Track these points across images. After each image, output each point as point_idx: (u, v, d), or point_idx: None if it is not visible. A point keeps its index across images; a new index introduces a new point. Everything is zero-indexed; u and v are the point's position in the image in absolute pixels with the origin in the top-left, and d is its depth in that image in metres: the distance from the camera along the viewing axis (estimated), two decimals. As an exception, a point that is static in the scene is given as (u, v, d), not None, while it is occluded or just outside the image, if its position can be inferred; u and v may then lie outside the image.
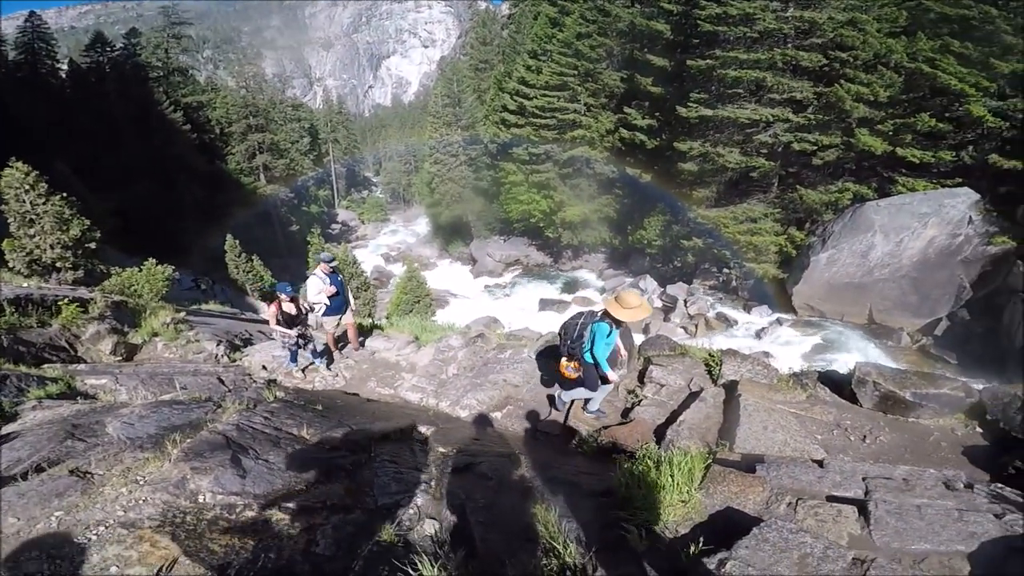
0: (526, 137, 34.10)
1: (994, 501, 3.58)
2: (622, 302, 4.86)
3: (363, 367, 7.63)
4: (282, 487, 3.37)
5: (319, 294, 7.43)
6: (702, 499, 3.29)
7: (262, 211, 42.90)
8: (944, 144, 21.24)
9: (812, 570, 2.61)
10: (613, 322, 4.92)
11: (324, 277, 7.49)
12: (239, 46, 69.63)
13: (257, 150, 44.58)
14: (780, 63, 23.28)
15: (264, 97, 51.78)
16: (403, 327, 9.87)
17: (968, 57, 20.40)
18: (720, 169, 25.86)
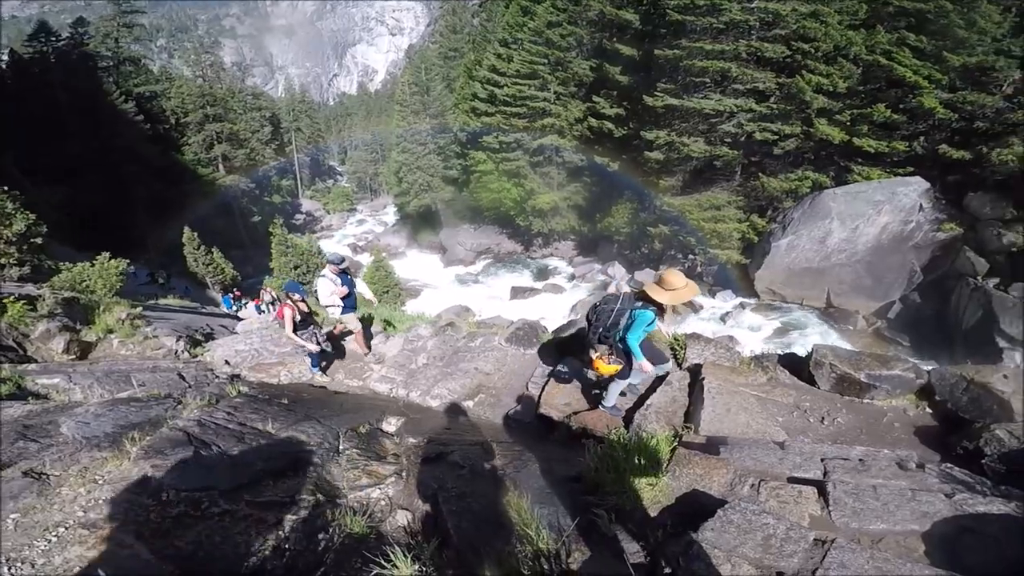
0: (496, 126, 33.91)
1: (945, 481, 3.72)
2: (664, 283, 4.35)
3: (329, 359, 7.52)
4: (248, 481, 3.33)
5: (331, 296, 7.18)
6: (669, 482, 3.34)
7: (222, 202, 41.53)
8: (898, 134, 22.07)
9: (775, 551, 2.68)
10: (656, 307, 4.41)
11: (334, 278, 7.22)
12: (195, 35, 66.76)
13: (215, 140, 43.01)
14: (745, 54, 23.74)
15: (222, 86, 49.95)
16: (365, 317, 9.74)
17: (922, 50, 21.18)
18: (685, 158, 26.35)
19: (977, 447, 4.36)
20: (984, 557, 2.99)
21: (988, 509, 3.36)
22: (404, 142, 42.43)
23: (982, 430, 4.47)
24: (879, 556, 2.71)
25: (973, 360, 15.39)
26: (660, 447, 3.52)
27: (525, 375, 6.48)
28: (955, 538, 3.15)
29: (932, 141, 21.42)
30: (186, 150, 41.52)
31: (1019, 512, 3.34)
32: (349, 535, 2.99)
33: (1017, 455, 4.13)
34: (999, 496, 3.54)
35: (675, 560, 2.62)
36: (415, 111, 42.65)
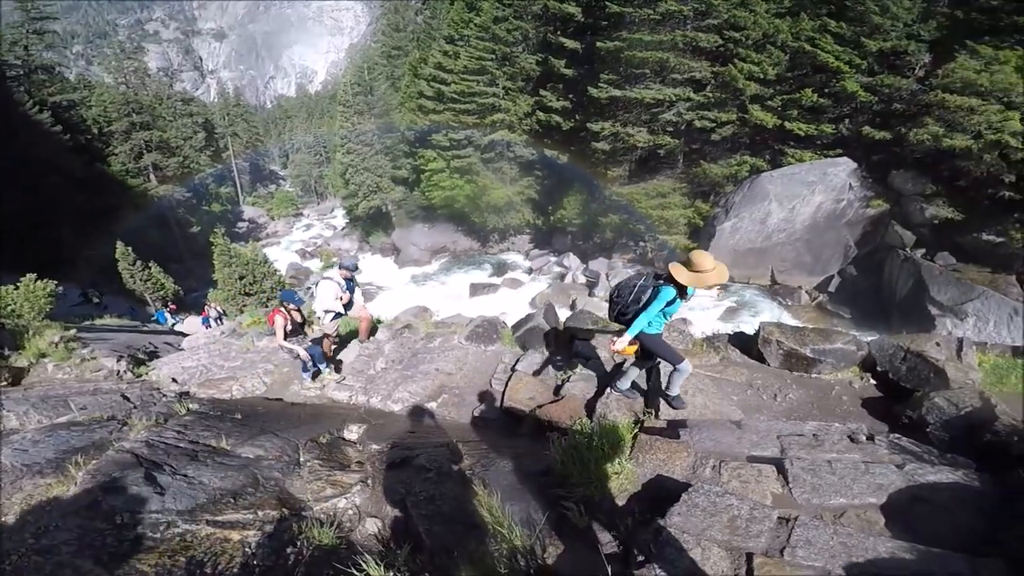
0: (445, 123, 33.60)
1: (894, 452, 3.84)
2: (690, 263, 4.01)
3: (284, 370, 7.29)
4: (207, 500, 3.24)
5: (336, 300, 6.89)
6: (633, 469, 3.39)
7: (156, 214, 39.33)
8: (825, 117, 23.29)
9: (742, 532, 2.73)
10: (677, 289, 4.13)
11: (341, 282, 6.96)
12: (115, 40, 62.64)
13: (144, 149, 40.60)
14: (681, 44, 24.47)
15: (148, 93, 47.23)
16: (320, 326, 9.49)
17: (843, 36, 22.37)
18: (630, 148, 27.01)
19: (920, 416, 4.44)
20: (938, 526, 3.09)
21: (937, 478, 3.46)
22: (349, 143, 41.39)
23: (923, 399, 4.56)
24: (842, 531, 2.79)
25: (908, 329, 16.46)
26: (622, 435, 3.56)
27: (488, 372, 6.48)
28: (909, 509, 3.24)
29: (856, 123, 22.73)
30: (113, 160, 38.99)
31: (966, 480, 3.45)
32: (319, 547, 2.94)
33: (957, 423, 4.23)
34: (946, 464, 3.64)
35: (646, 547, 2.65)
36: (359, 111, 41.63)
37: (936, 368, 4.89)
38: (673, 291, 4.11)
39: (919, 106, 20.64)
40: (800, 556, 2.62)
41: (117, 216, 33.72)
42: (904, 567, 2.56)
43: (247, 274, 22.30)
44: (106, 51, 60.17)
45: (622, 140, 26.72)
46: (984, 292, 17.35)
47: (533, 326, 6.77)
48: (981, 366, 5.37)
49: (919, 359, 5.04)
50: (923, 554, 2.64)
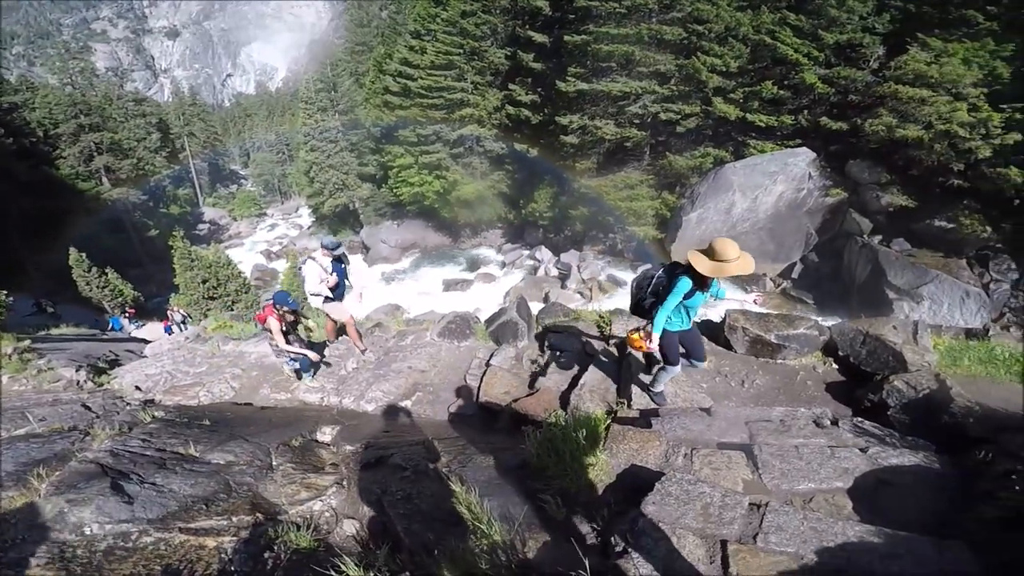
0: (413, 118, 33.22)
1: (858, 435, 3.89)
2: (711, 251, 3.74)
3: (252, 374, 7.12)
4: (179, 508, 3.19)
5: (320, 284, 6.50)
6: (608, 459, 3.42)
7: (111, 218, 37.83)
8: (785, 109, 23.89)
9: (716, 519, 2.77)
10: (697, 279, 3.84)
11: (326, 264, 6.57)
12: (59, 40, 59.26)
13: (95, 151, 38.87)
14: (646, 37, 24.70)
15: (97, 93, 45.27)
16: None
17: (801, 29, 22.93)
18: (598, 140, 27.26)
19: (881, 399, 4.49)
20: (902, 509, 3.16)
21: (900, 461, 3.53)
22: (313, 140, 40.54)
23: (883, 382, 4.61)
24: (812, 516, 2.84)
25: (868, 312, 17.09)
26: (596, 426, 3.58)
27: (462, 368, 6.46)
28: (875, 492, 3.30)
29: (814, 114, 23.38)
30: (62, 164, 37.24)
31: (926, 462, 3.52)
32: (296, 551, 2.92)
33: (916, 405, 4.31)
34: (907, 447, 3.72)
35: (624, 537, 2.67)
36: (322, 108, 40.79)
37: (894, 351, 4.96)
38: (690, 282, 3.85)
39: (874, 97, 21.30)
40: (773, 542, 2.66)
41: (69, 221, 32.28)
42: (873, 551, 2.62)
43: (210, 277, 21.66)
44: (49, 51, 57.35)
45: (590, 133, 26.98)
46: (937, 276, 18.16)
47: (506, 320, 6.77)
48: (936, 348, 5.47)
49: (878, 343, 5.10)
50: (890, 537, 2.70)
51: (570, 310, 6.99)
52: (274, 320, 5.95)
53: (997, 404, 4.21)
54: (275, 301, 6.11)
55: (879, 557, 2.57)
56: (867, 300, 18.95)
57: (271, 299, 6.08)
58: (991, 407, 4.13)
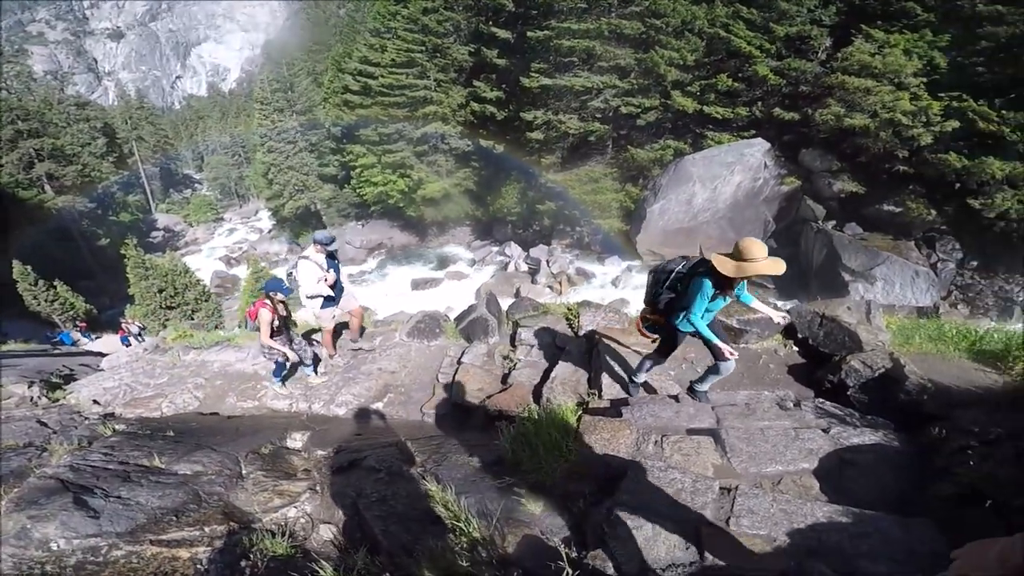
0: (374, 117, 32.74)
1: (820, 416, 3.96)
2: (738, 251, 3.50)
3: (217, 383, 6.92)
4: (148, 520, 3.13)
5: (319, 283, 5.98)
6: (580, 450, 3.43)
7: (57, 227, 35.91)
8: (740, 101, 24.56)
9: (688, 504, 2.81)
10: (719, 281, 3.61)
11: (321, 261, 6.04)
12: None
13: (35, 158, 36.88)
14: (606, 32, 25.04)
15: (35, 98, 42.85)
16: (253, 333, 9.09)
17: (754, 22, 23.59)
18: (563, 135, 27.51)
19: (841, 380, 4.53)
20: (866, 487, 3.21)
21: (861, 440, 3.58)
22: (270, 142, 39.49)
23: (841, 363, 4.65)
24: (781, 499, 2.88)
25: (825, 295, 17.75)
26: (567, 418, 3.60)
27: (433, 367, 6.42)
28: (839, 472, 3.34)
29: (767, 105, 24.13)
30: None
31: (886, 440, 3.59)
32: (273, 558, 2.89)
33: (873, 384, 4.36)
34: (867, 426, 3.78)
35: (601, 527, 2.68)
36: (279, 108, 39.77)
37: (849, 332, 5.04)
38: (710, 285, 3.61)
39: (822, 88, 22.10)
40: (744, 525, 2.70)
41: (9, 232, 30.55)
42: (843, 531, 2.66)
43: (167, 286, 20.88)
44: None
45: (554, 128, 27.21)
46: (888, 257, 19.04)
47: (476, 317, 6.76)
48: (889, 327, 5.55)
49: (834, 324, 5.18)
50: (857, 517, 2.75)
51: (539, 304, 7.02)
52: (266, 311, 5.50)
53: (949, 380, 4.31)
54: (267, 289, 5.65)
55: (848, 537, 2.62)
56: (824, 283, 19.70)
57: (262, 288, 5.66)
58: (944, 384, 4.22)
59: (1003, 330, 5.31)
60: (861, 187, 21.26)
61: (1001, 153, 17.84)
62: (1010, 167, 17.33)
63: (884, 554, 2.53)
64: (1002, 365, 4.58)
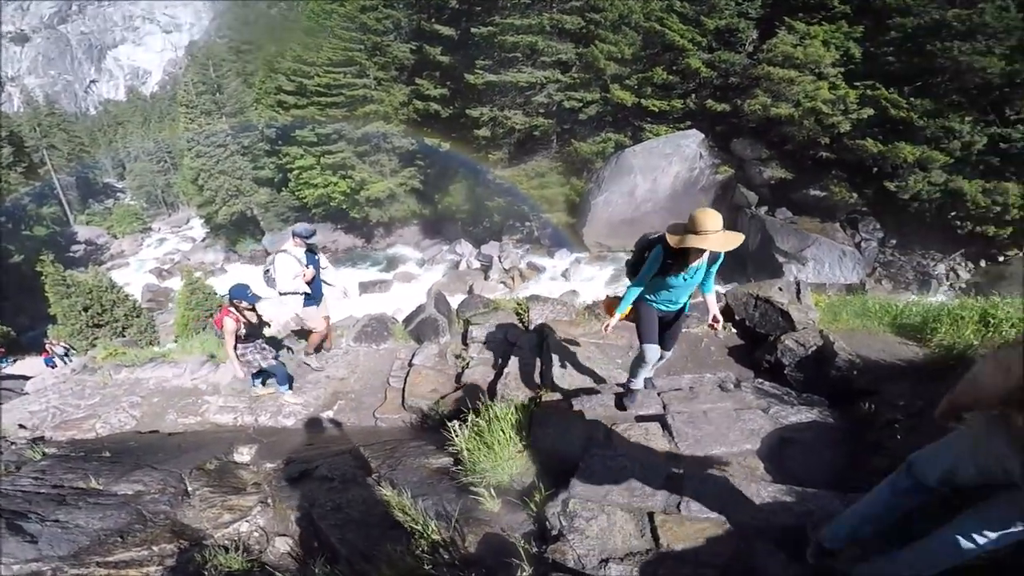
0: (311, 118, 31.81)
1: (759, 396, 4.02)
2: (691, 221, 3.09)
3: (154, 401, 6.57)
4: (91, 543, 3.01)
5: (295, 279, 5.62)
6: (534, 445, 3.45)
7: (-39, 245, 32.92)
8: (675, 93, 25.27)
9: (640, 492, 2.87)
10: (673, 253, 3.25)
11: (300, 256, 5.68)
12: None
13: (-71, 171, 33.58)
14: (549, 27, 25.29)
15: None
16: (192, 347, 8.69)
17: (686, 15, 24.28)
18: (509, 131, 27.67)
19: (777, 359, 4.61)
20: (807, 465, 3.27)
21: (799, 418, 3.67)
22: (198, 146, 37.59)
23: (776, 342, 4.74)
24: (727, 480, 2.93)
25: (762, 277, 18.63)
26: (521, 413, 3.61)
27: (383, 371, 6.31)
28: (780, 451, 3.40)
29: (700, 97, 24.97)
30: None
31: (821, 418, 3.68)
32: (229, 573, 2.83)
33: (807, 362, 4.45)
34: (804, 404, 3.86)
35: (558, 520, 2.70)
36: (206, 111, 37.91)
37: (782, 312, 5.18)
38: (661, 253, 3.30)
39: (750, 79, 22.98)
40: (694, 510, 2.75)
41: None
42: (788, 510, 2.73)
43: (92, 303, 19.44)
44: None
45: (500, 124, 27.33)
46: (817, 239, 20.23)
47: (425, 317, 6.69)
48: (818, 305, 5.75)
49: (768, 305, 5.32)
50: (801, 495, 2.82)
51: (489, 301, 7.01)
52: (230, 320, 5.16)
53: (876, 355, 4.46)
54: (231, 296, 5.26)
55: (794, 516, 2.68)
56: (760, 266, 20.69)
57: (227, 295, 5.28)
58: (871, 358, 4.37)
59: (921, 303, 5.55)
60: (789, 173, 22.41)
61: (912, 138, 19.25)
62: (920, 151, 18.71)
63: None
64: (922, 337, 4.75)
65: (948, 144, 18.78)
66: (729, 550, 2.48)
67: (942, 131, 18.81)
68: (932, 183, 18.95)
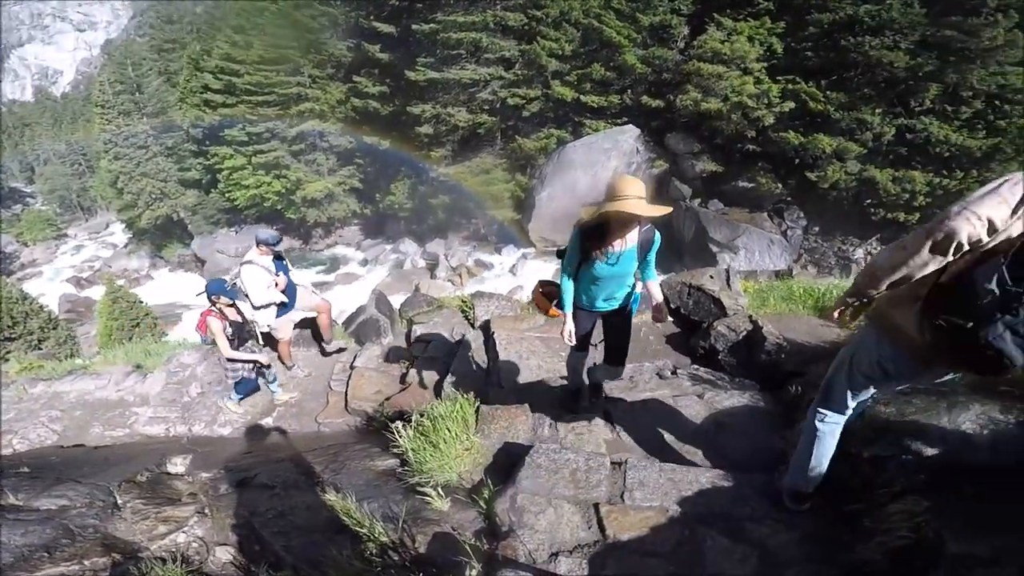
0: (241, 116, 30.57)
1: (695, 383, 4.09)
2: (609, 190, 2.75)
3: (76, 414, 6.15)
4: (15, 559, 2.82)
5: (268, 289, 5.28)
6: (481, 442, 3.43)
7: None
8: (612, 89, 25.93)
9: (584, 483, 2.88)
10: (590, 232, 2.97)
11: (268, 265, 5.34)
12: None
13: None
14: (492, 24, 25.29)
15: None
16: (116, 358, 8.18)
17: (623, 12, 24.86)
18: (453, 128, 27.55)
19: (711, 345, 4.67)
20: (741, 449, 3.32)
21: (732, 403, 3.72)
22: (116, 148, 35.21)
23: (709, 329, 4.81)
24: (667, 468, 2.95)
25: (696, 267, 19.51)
26: (466, 411, 3.57)
27: (324, 375, 6.13)
28: (716, 436, 3.45)
29: (636, 93, 25.74)
30: None
31: (753, 401, 3.73)
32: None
33: (738, 347, 4.51)
34: (736, 389, 3.92)
35: (507, 516, 2.70)
36: (125, 112, 35.58)
37: (714, 299, 5.29)
38: (578, 236, 3.00)
39: (682, 75, 23.79)
40: (638, 498, 2.77)
41: None
42: (726, 495, 2.77)
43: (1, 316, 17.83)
44: None
45: (443, 121, 27.20)
46: (747, 229, 21.32)
47: (366, 319, 6.55)
48: (747, 291, 5.88)
49: (700, 292, 5.44)
50: (737, 479, 2.86)
51: (433, 299, 6.96)
52: (215, 320, 4.79)
53: (801, 338, 4.56)
54: (209, 293, 4.86)
55: (732, 500, 2.73)
56: (695, 256, 21.59)
57: (205, 291, 4.86)
58: (797, 341, 4.47)
59: (841, 286, 5.76)
60: (719, 166, 23.46)
61: (829, 130, 20.60)
62: (836, 142, 20.07)
63: (765, 513, 2.65)
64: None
65: (861, 135, 20.21)
66: (673, 537, 2.54)
67: (856, 123, 20.22)
68: (848, 173, 20.35)
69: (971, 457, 2.49)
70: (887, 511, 2.41)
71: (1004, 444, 2.50)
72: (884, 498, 2.50)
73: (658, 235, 3.11)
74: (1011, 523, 2.11)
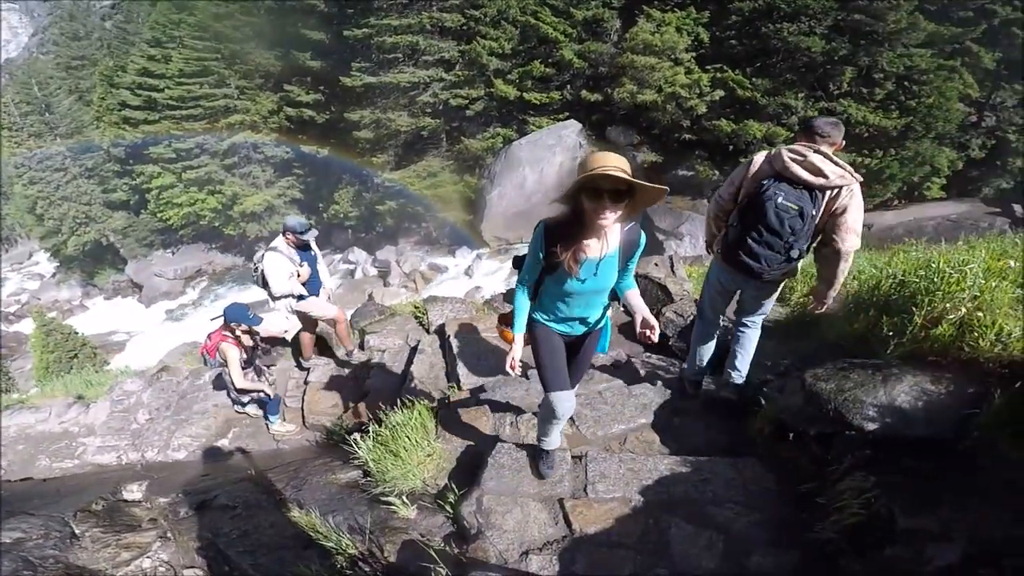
0: (165, 133, 29.13)
1: (647, 370, 4.15)
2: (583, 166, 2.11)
3: (19, 448, 5.85)
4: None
5: (290, 279, 5.00)
6: (443, 446, 3.42)
7: None
8: (552, 85, 26.26)
9: (547, 480, 2.92)
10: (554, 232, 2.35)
11: (292, 254, 5.06)
12: None
13: None
14: (428, 26, 25.07)
15: None
16: (54, 391, 7.80)
17: (557, 8, 25.17)
18: (394, 133, 27.13)
19: (662, 332, 4.56)
20: (697, 433, 3.38)
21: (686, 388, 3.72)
22: (31, 171, 32.87)
23: (658, 316, 4.76)
24: (627, 458, 2.96)
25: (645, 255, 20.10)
26: (425, 416, 3.57)
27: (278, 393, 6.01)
28: (671, 422, 3.48)
29: (575, 88, 26.17)
30: None
31: (705, 385, 3.72)
32: None
33: (687, 332, 4.44)
34: None
35: (474, 519, 2.71)
36: (35, 133, 33.29)
37: (660, 286, 5.37)
38: (540, 237, 2.39)
39: (618, 68, 24.31)
40: (601, 491, 2.78)
41: None
42: (686, 480, 2.80)
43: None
44: None
45: (384, 126, 26.70)
46: (690, 216, 22.12)
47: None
48: (690, 276, 6.00)
49: (647, 280, 5.47)
50: (696, 465, 2.90)
51: (384, 307, 6.87)
52: (232, 348, 4.59)
53: None
54: (228, 318, 4.61)
55: (693, 485, 2.76)
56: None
57: (222, 316, 4.61)
58: None
59: None
60: (659, 156, 24.20)
61: (757, 116, 21.60)
62: (766, 128, 21.07)
63: (725, 497, 2.70)
64: (782, 297, 5.02)
65: (787, 119, 21.30)
66: (639, 527, 2.57)
67: (781, 108, 21.28)
68: (780, 157, 21.36)
69: (909, 431, 2.58)
70: (838, 489, 2.47)
71: (938, 415, 2.60)
72: (834, 475, 2.57)
73: (643, 235, 2.45)
74: (955, 496, 2.19)
